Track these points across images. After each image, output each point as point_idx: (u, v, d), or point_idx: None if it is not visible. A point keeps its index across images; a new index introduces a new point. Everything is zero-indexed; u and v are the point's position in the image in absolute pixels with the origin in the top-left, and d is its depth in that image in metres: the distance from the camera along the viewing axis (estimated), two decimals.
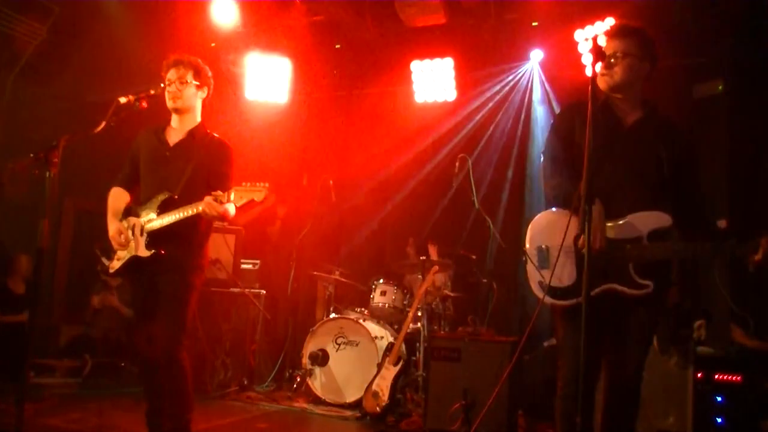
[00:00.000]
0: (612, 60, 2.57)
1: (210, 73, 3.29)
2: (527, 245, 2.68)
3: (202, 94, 3.26)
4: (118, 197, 3.25)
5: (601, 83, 2.61)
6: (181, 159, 3.14)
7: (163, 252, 3.02)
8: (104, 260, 3.20)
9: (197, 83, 3.20)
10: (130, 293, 3.36)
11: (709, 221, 2.64)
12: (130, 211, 3.19)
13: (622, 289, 2.46)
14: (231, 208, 2.98)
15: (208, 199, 2.86)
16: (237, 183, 2.91)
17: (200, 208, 2.90)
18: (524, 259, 2.66)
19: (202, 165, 3.13)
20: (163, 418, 3.06)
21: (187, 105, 3.20)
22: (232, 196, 2.83)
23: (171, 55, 3.24)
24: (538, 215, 2.72)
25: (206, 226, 3.17)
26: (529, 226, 2.72)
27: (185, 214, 2.97)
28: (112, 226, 3.14)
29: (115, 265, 3.15)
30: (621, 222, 2.50)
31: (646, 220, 2.49)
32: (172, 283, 3.03)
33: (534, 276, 2.62)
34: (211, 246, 3.34)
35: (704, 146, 5.22)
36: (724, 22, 5.09)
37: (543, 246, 2.63)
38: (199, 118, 3.29)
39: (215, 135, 3.27)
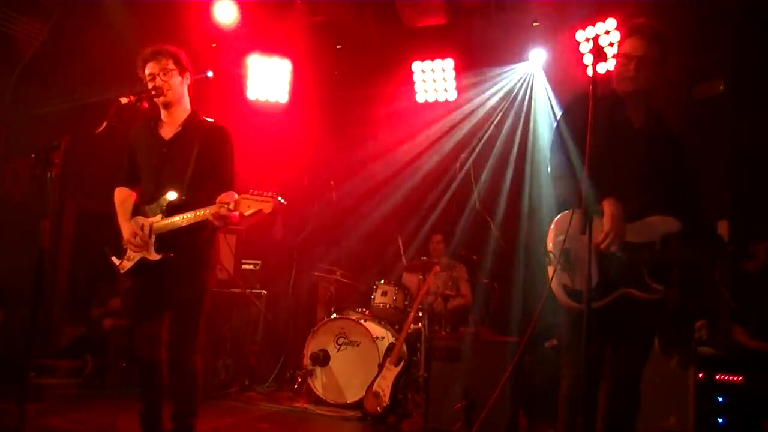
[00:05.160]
0: (639, 63, 2.50)
1: (187, 58, 3.18)
2: (550, 246, 2.58)
3: (186, 81, 3.19)
4: (124, 197, 3.21)
5: (623, 85, 2.56)
6: (180, 154, 3.07)
7: (172, 255, 2.98)
8: (114, 260, 3.15)
9: (178, 69, 3.12)
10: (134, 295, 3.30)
11: (708, 225, 2.63)
12: (137, 210, 3.14)
13: (637, 294, 2.44)
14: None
15: (214, 207, 2.80)
16: (243, 189, 2.81)
17: (207, 212, 2.83)
18: (547, 260, 2.57)
19: (203, 156, 3.06)
20: (164, 419, 3.04)
21: (177, 95, 3.13)
22: (238, 205, 2.74)
23: (145, 48, 3.14)
24: (560, 215, 2.63)
25: (213, 227, 3.08)
26: (552, 227, 2.63)
27: (193, 217, 2.90)
28: (126, 228, 3.08)
29: (126, 265, 3.09)
30: (635, 224, 2.47)
31: (660, 225, 2.47)
32: (186, 287, 3.01)
33: (560, 278, 2.52)
34: None
35: (705, 147, 5.21)
36: (724, 22, 5.08)
37: (566, 248, 2.53)
38: (189, 106, 3.21)
39: (210, 120, 3.20)
